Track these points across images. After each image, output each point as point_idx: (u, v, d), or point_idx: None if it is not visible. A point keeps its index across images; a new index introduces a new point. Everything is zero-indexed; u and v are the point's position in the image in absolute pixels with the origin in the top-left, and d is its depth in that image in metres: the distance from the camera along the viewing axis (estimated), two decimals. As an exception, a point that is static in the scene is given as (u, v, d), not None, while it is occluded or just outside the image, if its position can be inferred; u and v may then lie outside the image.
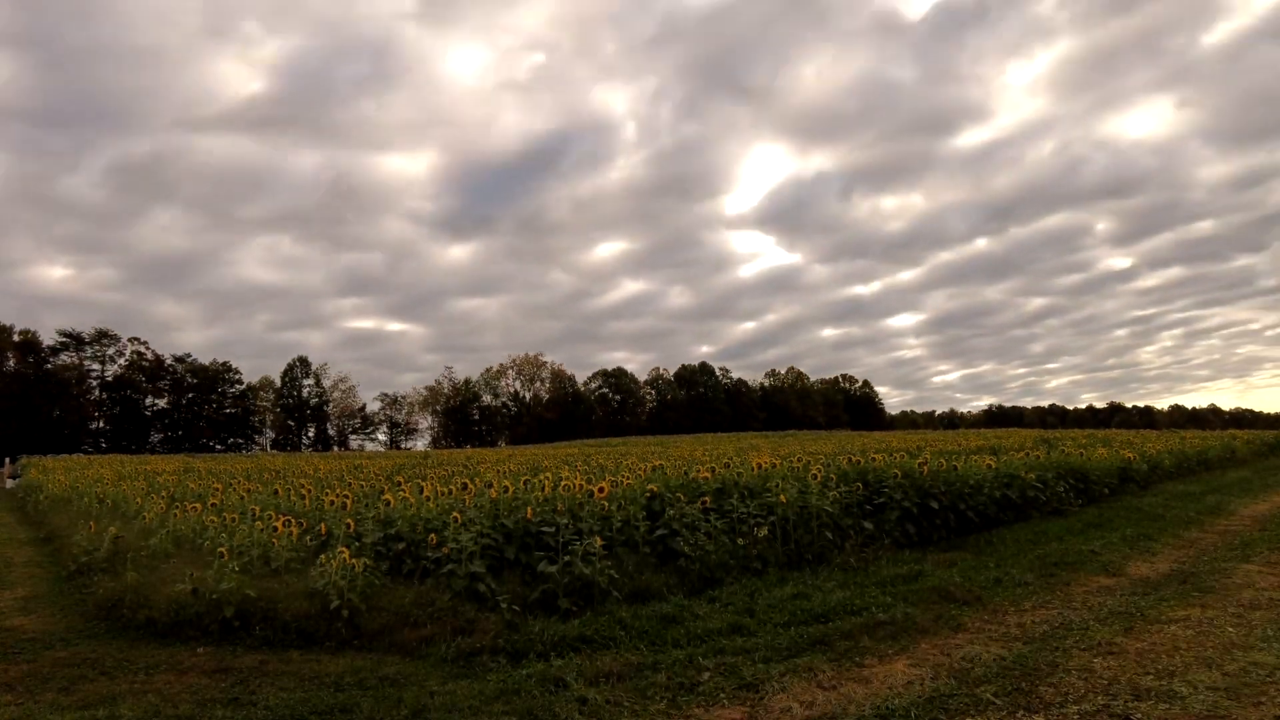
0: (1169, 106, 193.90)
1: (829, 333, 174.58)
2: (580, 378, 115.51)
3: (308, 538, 7.14)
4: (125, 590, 6.29)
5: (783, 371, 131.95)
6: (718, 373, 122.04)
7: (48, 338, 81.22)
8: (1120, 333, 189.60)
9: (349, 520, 7.02)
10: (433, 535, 6.35)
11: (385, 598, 5.64)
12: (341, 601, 5.40)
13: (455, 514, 6.51)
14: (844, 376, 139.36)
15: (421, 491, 8.52)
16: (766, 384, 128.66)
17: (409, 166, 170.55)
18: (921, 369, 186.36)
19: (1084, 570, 6.88)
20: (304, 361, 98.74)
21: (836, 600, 5.72)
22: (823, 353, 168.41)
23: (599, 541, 6.15)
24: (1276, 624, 4.97)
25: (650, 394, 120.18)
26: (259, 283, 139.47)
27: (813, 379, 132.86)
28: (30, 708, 4.14)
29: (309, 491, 10.51)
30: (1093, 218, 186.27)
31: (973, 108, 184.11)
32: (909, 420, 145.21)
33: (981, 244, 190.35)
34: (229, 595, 5.64)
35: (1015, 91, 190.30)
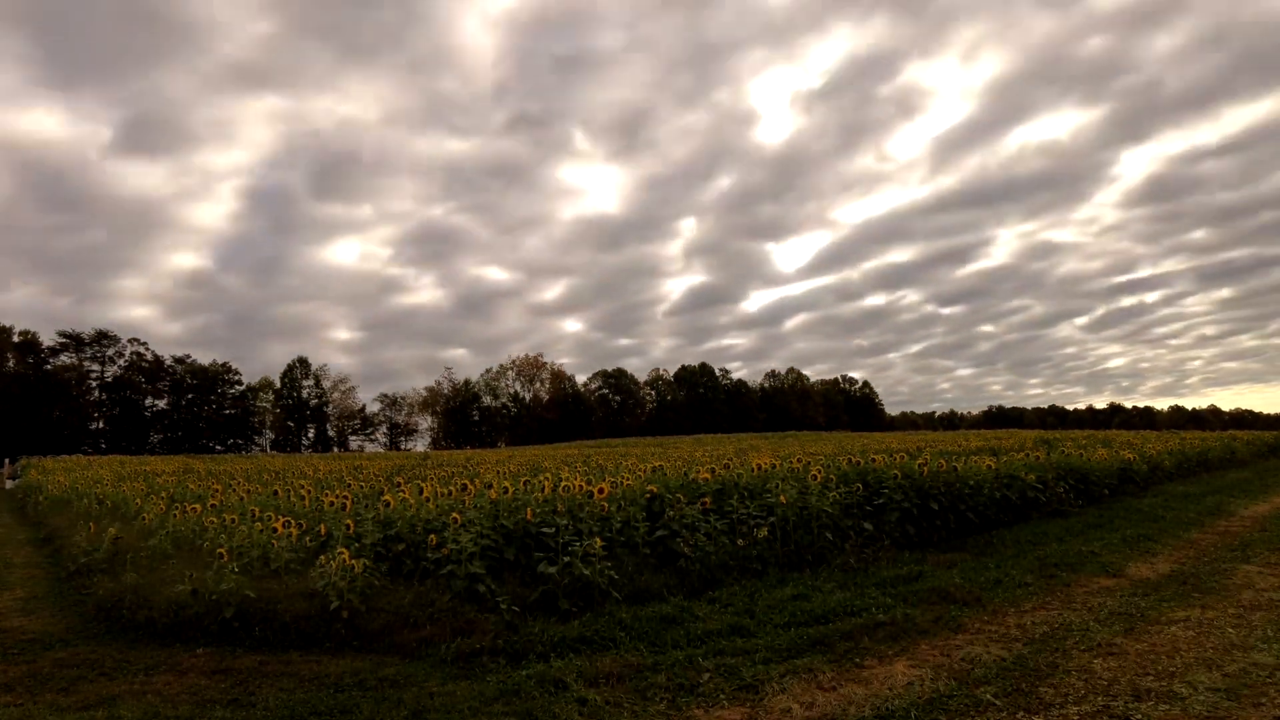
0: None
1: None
2: (580, 378, 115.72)
3: (307, 539, 7.13)
4: (125, 591, 6.29)
5: (783, 372, 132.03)
6: (717, 373, 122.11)
7: (47, 338, 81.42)
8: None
9: (349, 521, 7.00)
10: (432, 536, 6.34)
11: (385, 599, 5.63)
12: (341, 602, 5.39)
13: (455, 515, 6.51)
14: (844, 377, 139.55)
15: (421, 492, 8.50)
16: (766, 385, 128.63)
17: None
18: None
19: (1084, 571, 6.87)
20: (303, 362, 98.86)
21: (836, 601, 5.71)
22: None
23: (599, 542, 6.15)
24: (1276, 625, 4.97)
25: (650, 395, 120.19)
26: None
27: (812, 380, 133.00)
28: (30, 708, 4.14)
29: (308, 492, 10.49)
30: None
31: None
32: (909, 421, 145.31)
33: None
34: (228, 596, 5.64)
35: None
